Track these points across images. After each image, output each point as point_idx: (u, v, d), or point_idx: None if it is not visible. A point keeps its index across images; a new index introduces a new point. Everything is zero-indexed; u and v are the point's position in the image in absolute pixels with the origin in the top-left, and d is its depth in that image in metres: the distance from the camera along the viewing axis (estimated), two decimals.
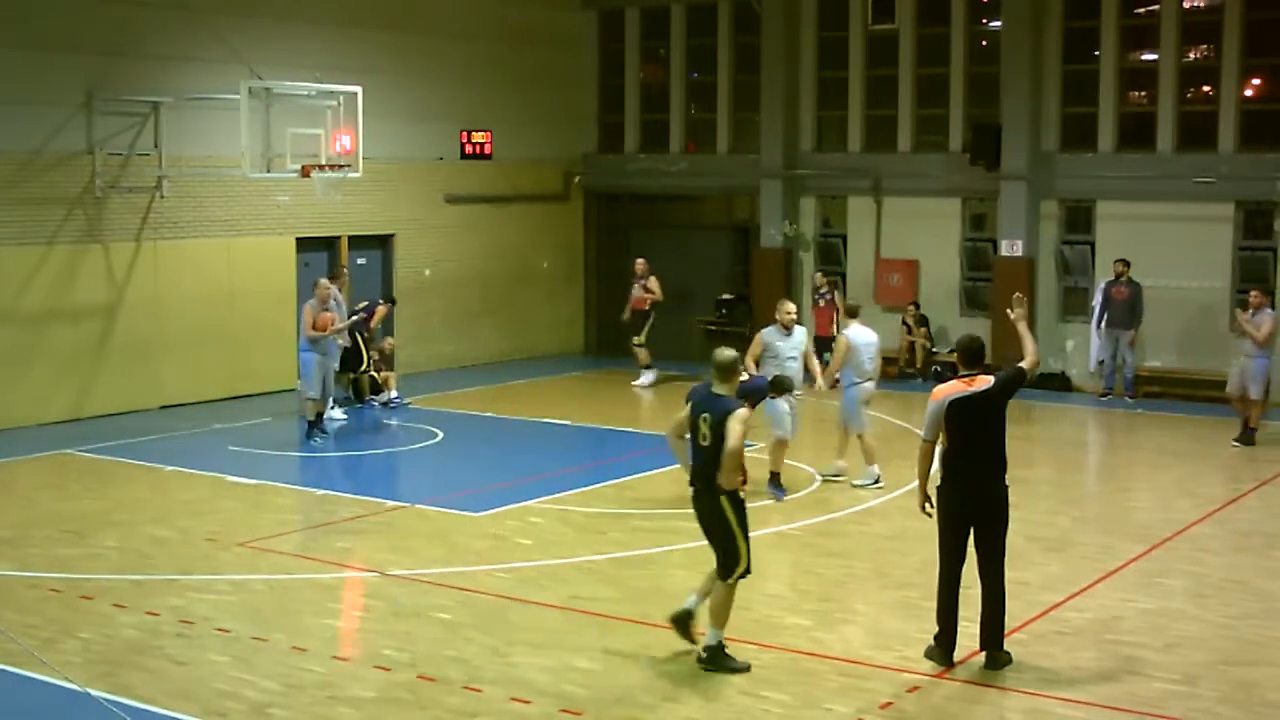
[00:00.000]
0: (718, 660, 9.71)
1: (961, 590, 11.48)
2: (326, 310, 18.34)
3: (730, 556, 9.73)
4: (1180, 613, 11.11)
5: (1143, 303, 21.46)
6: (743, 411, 9.60)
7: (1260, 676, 9.73)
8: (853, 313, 16.18)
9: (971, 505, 9.77)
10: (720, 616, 9.75)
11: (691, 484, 9.87)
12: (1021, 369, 9.99)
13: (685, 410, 9.91)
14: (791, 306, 15.19)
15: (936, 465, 9.89)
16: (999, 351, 23.00)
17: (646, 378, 22.96)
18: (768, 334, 14.99)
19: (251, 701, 9.12)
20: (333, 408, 19.39)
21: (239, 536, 13.37)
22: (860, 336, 15.48)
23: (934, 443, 9.82)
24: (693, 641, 9.96)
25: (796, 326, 15.04)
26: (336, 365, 19.23)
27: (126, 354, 20.02)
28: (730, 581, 9.77)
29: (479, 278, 24.96)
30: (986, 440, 9.73)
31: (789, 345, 14.91)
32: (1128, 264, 21.46)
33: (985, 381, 9.77)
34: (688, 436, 9.86)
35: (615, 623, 10.77)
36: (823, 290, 22.97)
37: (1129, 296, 21.40)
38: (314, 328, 18.04)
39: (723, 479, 9.58)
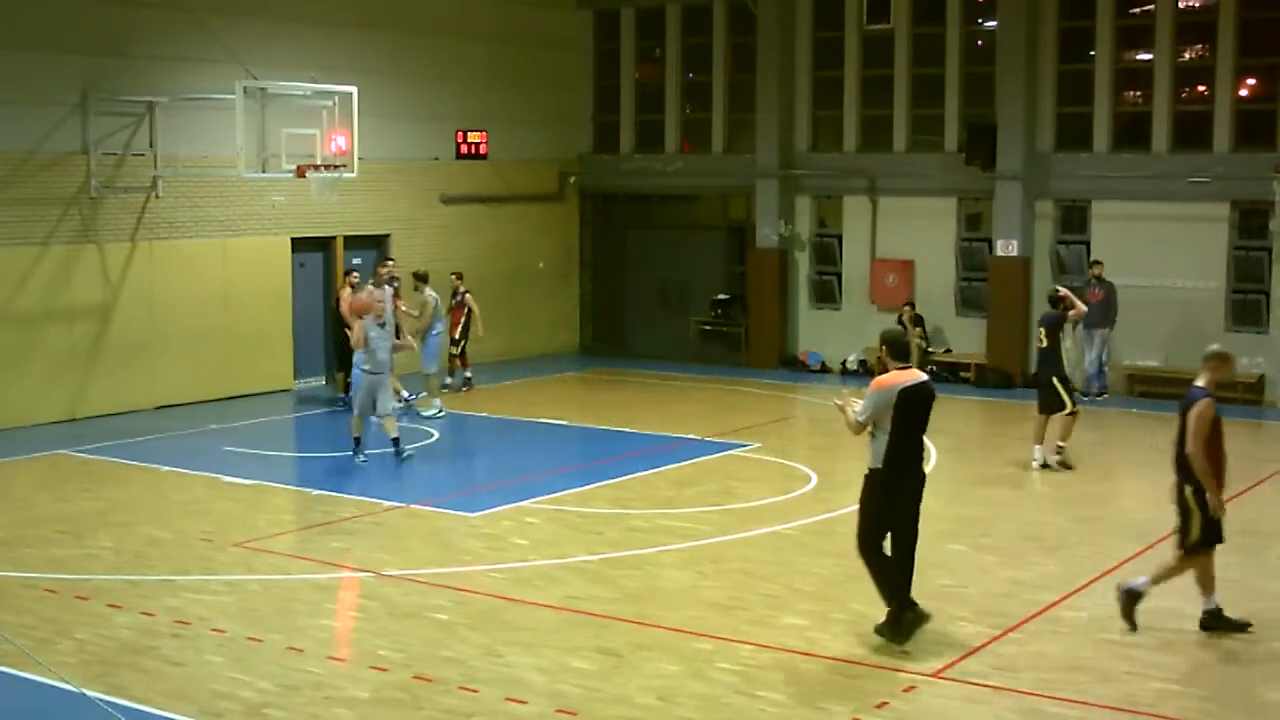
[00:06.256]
0: (1220, 621, 10.57)
1: (957, 589, 11.52)
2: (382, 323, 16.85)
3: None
4: (1176, 612, 11.09)
5: (1117, 303, 21.55)
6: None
7: (1256, 676, 9.74)
8: (423, 278, 20.19)
9: (918, 485, 10.34)
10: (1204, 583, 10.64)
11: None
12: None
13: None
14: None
15: (874, 453, 10.20)
16: (994, 350, 23.19)
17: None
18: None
19: (247, 702, 9.11)
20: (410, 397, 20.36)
21: (235, 537, 13.36)
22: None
23: (865, 426, 10.20)
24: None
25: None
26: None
27: (122, 354, 20.01)
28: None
29: (474, 278, 24.87)
30: (923, 428, 10.33)
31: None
32: (1101, 265, 21.67)
33: (919, 374, 10.34)
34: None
35: (611, 623, 10.77)
36: (461, 290, 22.13)
37: (1104, 298, 21.52)
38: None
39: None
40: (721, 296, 26.09)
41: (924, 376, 10.34)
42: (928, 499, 14.42)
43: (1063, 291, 17.03)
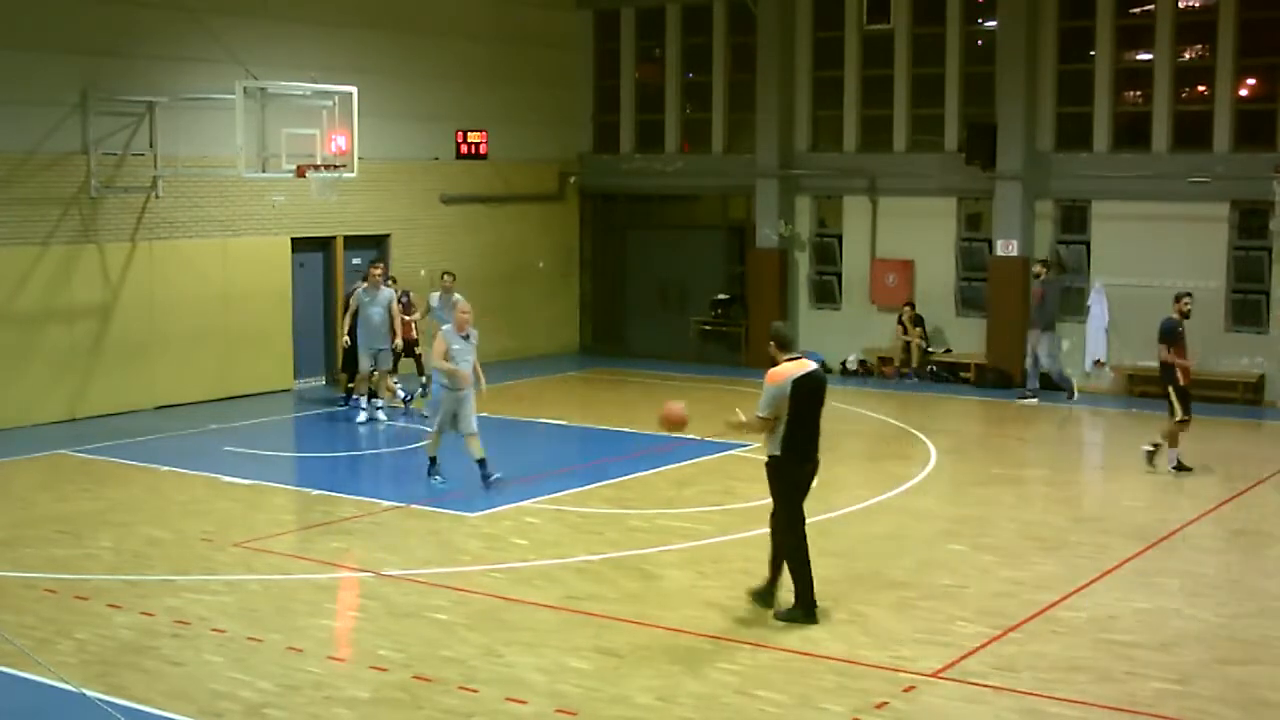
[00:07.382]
0: None
1: (957, 589, 11.53)
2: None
3: None
4: (1176, 612, 11.12)
5: (1056, 304, 21.90)
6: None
7: (1255, 675, 9.74)
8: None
9: (810, 473, 10.90)
10: None
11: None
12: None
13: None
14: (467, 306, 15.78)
15: (774, 440, 10.68)
16: (994, 350, 23.18)
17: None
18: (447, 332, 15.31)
19: (247, 702, 9.11)
20: (374, 403, 19.58)
21: (234, 537, 13.36)
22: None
23: (771, 421, 10.62)
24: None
25: (471, 329, 15.38)
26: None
27: (122, 354, 20.00)
28: None
29: (474, 277, 24.90)
30: (818, 414, 10.79)
31: (466, 346, 15.26)
32: (1045, 264, 21.78)
33: (810, 364, 10.75)
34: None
35: (611, 623, 10.77)
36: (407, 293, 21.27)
37: (1040, 298, 21.66)
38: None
39: None
40: (721, 296, 26.08)
41: (814, 365, 10.78)
42: (928, 499, 14.45)
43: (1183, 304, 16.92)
